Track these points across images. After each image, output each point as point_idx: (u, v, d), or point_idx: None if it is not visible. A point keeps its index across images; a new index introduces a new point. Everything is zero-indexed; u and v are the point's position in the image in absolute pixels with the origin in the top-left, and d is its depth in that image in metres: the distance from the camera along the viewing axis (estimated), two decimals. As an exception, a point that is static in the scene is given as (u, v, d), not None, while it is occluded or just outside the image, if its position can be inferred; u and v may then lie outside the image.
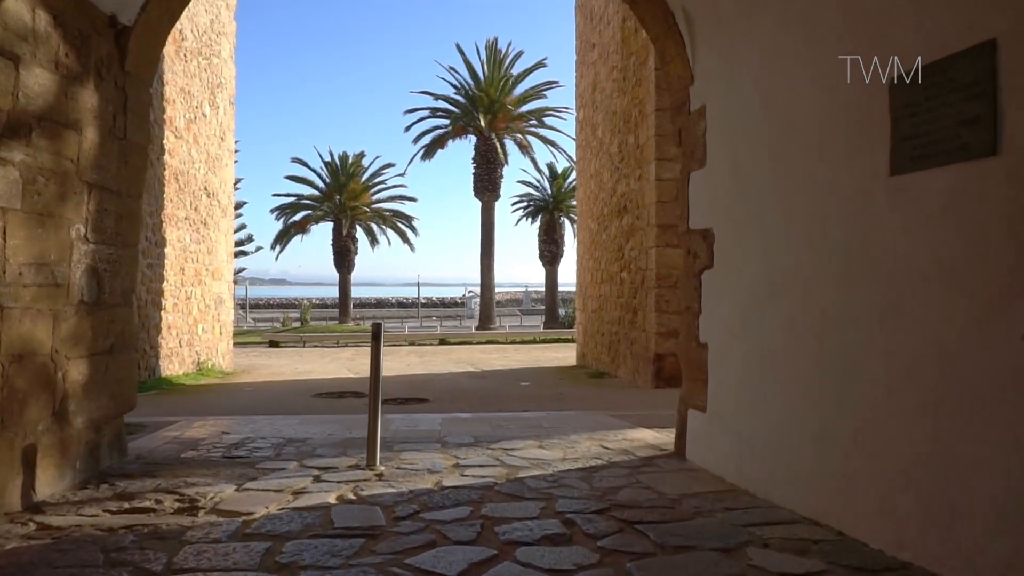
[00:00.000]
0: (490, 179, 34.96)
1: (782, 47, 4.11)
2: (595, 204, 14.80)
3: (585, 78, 15.86)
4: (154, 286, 12.47)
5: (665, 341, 10.86)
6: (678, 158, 10.80)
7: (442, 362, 18.03)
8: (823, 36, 3.77)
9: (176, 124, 13.46)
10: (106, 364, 5.03)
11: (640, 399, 9.76)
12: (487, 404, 9.56)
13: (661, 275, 10.88)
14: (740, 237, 4.63)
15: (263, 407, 9.40)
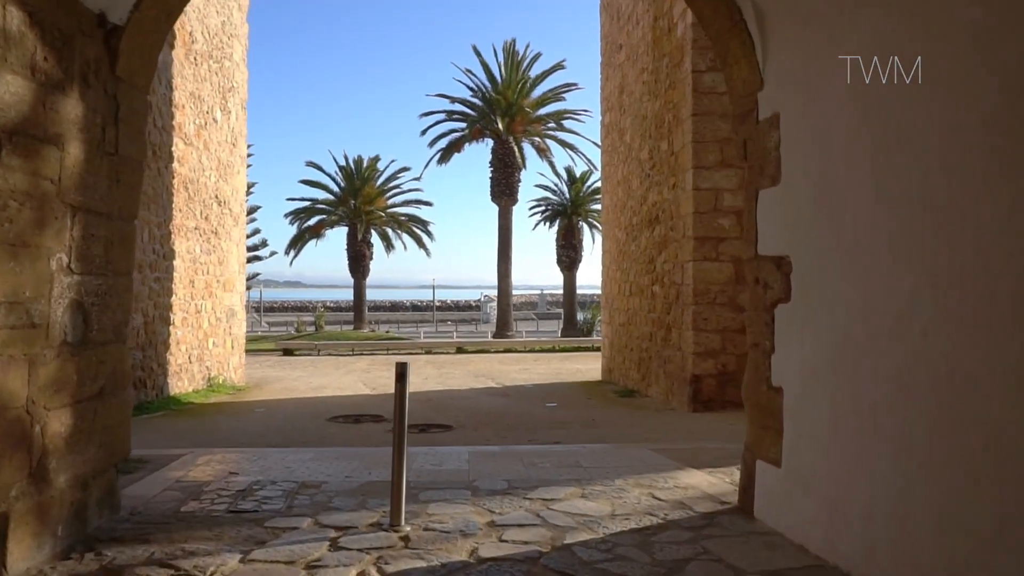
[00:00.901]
0: (507, 183, 34.33)
1: (893, 43, 3.43)
2: (623, 213, 14.12)
3: (611, 81, 15.19)
4: (162, 301, 11.90)
5: (703, 362, 10.17)
6: (717, 166, 10.16)
7: (461, 375, 17.39)
8: (954, 29, 3.08)
9: (185, 130, 12.91)
10: (94, 410, 4.41)
11: (679, 426, 9.08)
12: (514, 431, 8.90)
13: (699, 291, 10.19)
14: (828, 267, 3.95)
15: (275, 433, 8.79)
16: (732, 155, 10.24)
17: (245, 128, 16.22)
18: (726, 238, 10.22)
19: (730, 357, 10.19)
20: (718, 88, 10.24)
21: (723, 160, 10.24)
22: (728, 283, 10.21)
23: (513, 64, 35.43)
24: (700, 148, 10.22)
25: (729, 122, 9.96)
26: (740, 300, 10.20)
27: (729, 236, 10.22)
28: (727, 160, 10.24)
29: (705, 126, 10.22)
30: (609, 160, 15.33)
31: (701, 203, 10.21)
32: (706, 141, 10.22)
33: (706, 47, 10.24)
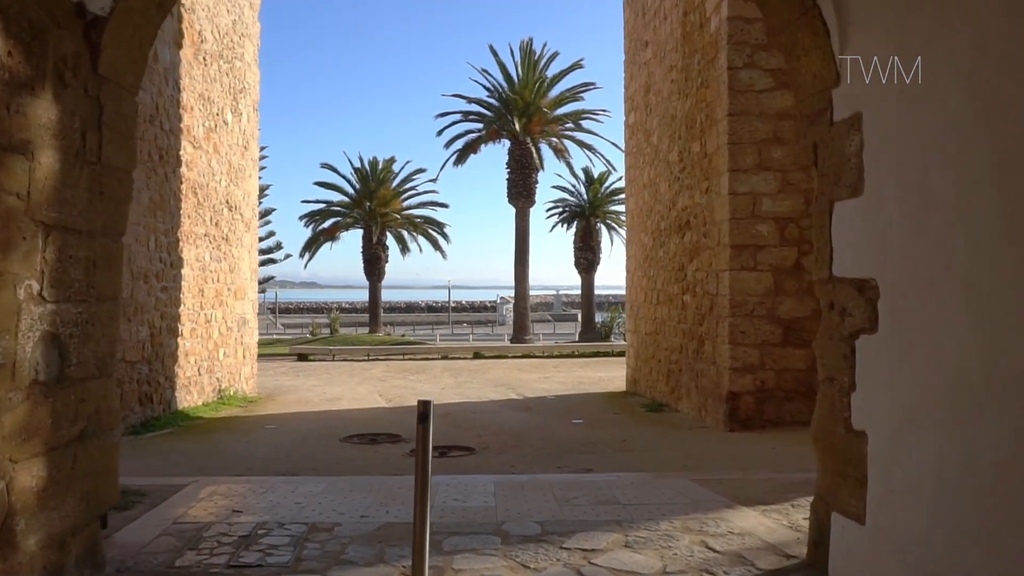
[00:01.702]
0: (524, 185, 33.74)
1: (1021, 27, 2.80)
2: (649, 217, 13.48)
3: (636, 79, 14.56)
4: (169, 311, 11.39)
5: (740, 378, 9.53)
6: (755, 169, 9.51)
7: (480, 384, 16.81)
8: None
9: (194, 133, 12.40)
10: (74, 457, 3.85)
11: (718, 449, 8.45)
12: (541, 455, 8.31)
13: (736, 302, 9.55)
14: (932, 298, 3.32)
15: (285, 458, 8.23)
16: (771, 157, 9.60)
17: (257, 130, 15.72)
18: (765, 246, 9.58)
19: (769, 373, 9.55)
20: (755, 86, 9.61)
21: (761, 163, 9.60)
22: (767, 294, 9.57)
23: (530, 64, 34.83)
24: (736, 150, 9.58)
25: (768, 122, 9.34)
26: (780, 313, 9.57)
27: (768, 244, 9.58)
28: (765, 163, 9.60)
29: (742, 126, 9.58)
30: (634, 162, 14.69)
31: (738, 208, 9.57)
32: (743, 142, 9.59)
33: (743, 42, 9.61)
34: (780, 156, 9.60)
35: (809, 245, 9.68)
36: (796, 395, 9.54)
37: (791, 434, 9.07)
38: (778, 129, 9.60)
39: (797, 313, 9.56)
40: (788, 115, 9.61)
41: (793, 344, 9.56)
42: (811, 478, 6.84)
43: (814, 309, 9.36)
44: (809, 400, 9.45)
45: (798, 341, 9.55)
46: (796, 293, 9.57)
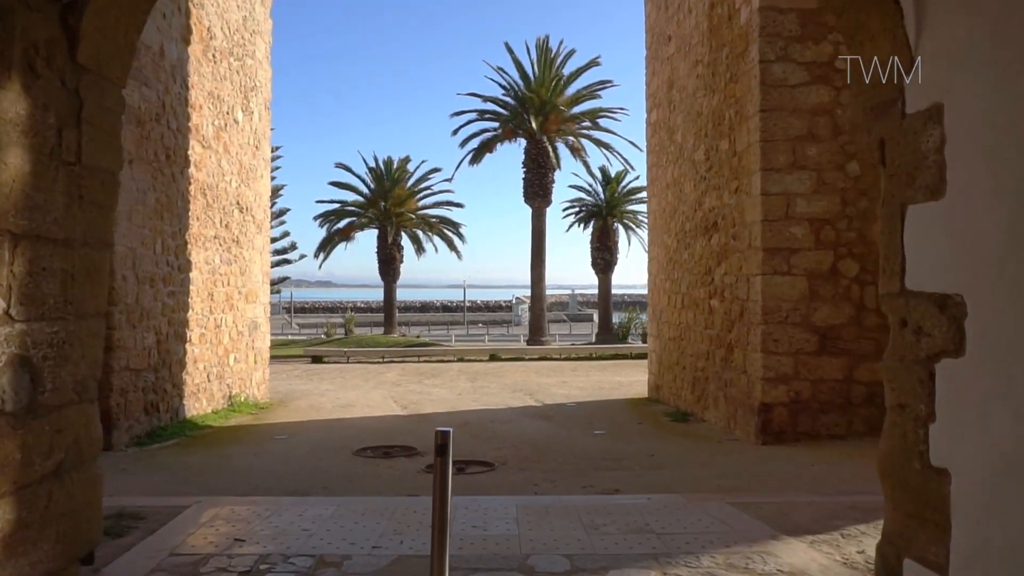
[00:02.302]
0: (541, 184, 33.26)
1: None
2: (673, 218, 12.97)
3: (658, 75, 14.05)
4: (177, 316, 11.01)
5: (773, 388, 9.02)
6: (788, 168, 8.98)
7: (497, 389, 16.36)
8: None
9: (203, 132, 12.02)
10: (48, 495, 3.43)
11: (752, 466, 7.94)
12: (564, 471, 7.84)
13: (769, 309, 9.04)
14: (1037, 318, 2.83)
15: (294, 474, 7.81)
16: (806, 156, 9.08)
17: (269, 130, 15.33)
18: (799, 249, 9.06)
19: (804, 383, 9.03)
20: (789, 80, 9.09)
21: (795, 161, 9.08)
22: (801, 300, 9.05)
23: (546, 61, 34.34)
24: (769, 148, 9.07)
25: (802, 118, 8.82)
26: (816, 320, 9.05)
27: (802, 247, 9.06)
28: (800, 161, 9.08)
29: (775, 123, 9.07)
30: (656, 161, 14.19)
31: (770, 210, 9.06)
32: (776, 140, 9.07)
33: (775, 34, 9.10)
34: (815, 154, 9.08)
35: (846, 248, 9.19)
36: (832, 407, 9.02)
37: (828, 449, 8.57)
38: (813, 126, 9.08)
39: (833, 320, 9.04)
40: (824, 111, 9.09)
41: (829, 353, 9.04)
42: (859, 503, 6.35)
43: (851, 316, 8.86)
44: (846, 413, 8.96)
45: (834, 350, 9.03)
46: (832, 299, 9.05)
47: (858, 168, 9.09)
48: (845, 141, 9.10)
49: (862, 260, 9.07)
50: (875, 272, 8.98)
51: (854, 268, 9.06)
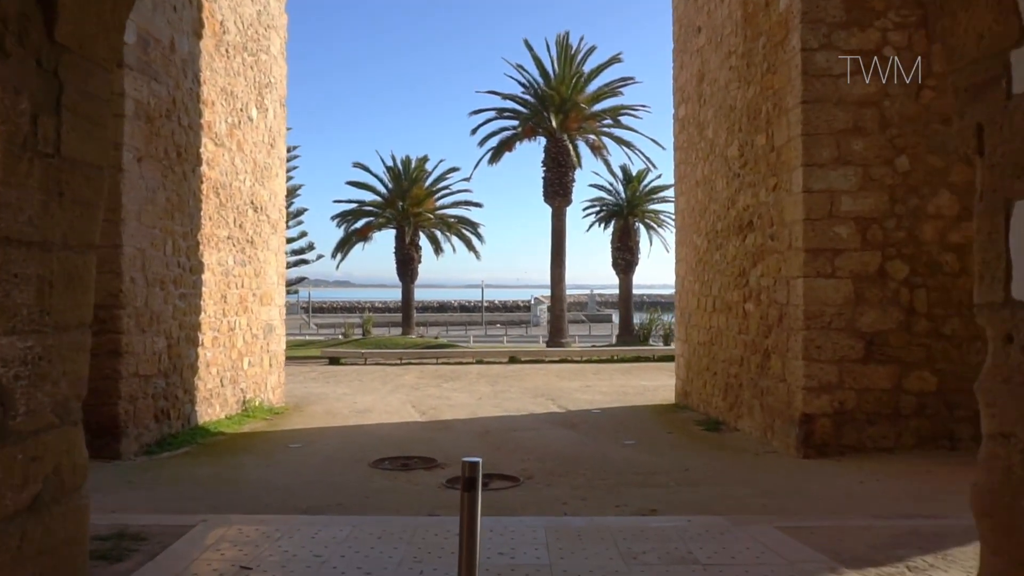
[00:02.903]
0: (561, 183, 32.75)
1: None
2: (703, 217, 12.44)
3: (687, 68, 13.51)
4: (188, 319, 10.63)
5: (816, 398, 8.48)
6: (832, 163, 8.42)
7: (518, 393, 15.89)
8: None
9: (216, 130, 11.64)
10: (22, 533, 2.99)
11: (797, 483, 7.41)
12: (595, 487, 7.35)
13: (811, 313, 8.50)
14: None
15: (307, 488, 7.37)
16: (851, 150, 8.53)
17: (284, 127, 14.95)
18: (844, 250, 8.52)
19: (848, 393, 8.49)
20: (833, 70, 8.54)
21: (840, 156, 8.53)
22: (846, 304, 8.51)
23: (566, 58, 33.83)
24: (812, 142, 8.53)
25: (847, 110, 8.28)
26: (861, 325, 8.50)
27: (847, 248, 8.51)
28: (844, 156, 8.53)
29: (818, 115, 8.53)
30: (685, 158, 13.65)
31: (813, 208, 8.52)
32: (819, 134, 8.53)
33: (818, 20, 8.56)
34: (861, 148, 8.53)
35: (895, 249, 8.63)
36: (879, 418, 8.47)
37: (876, 463, 8.02)
38: (859, 118, 8.53)
39: (881, 326, 8.49)
40: (871, 102, 8.53)
41: (876, 360, 8.49)
42: (920, 528, 5.82)
43: (900, 321, 8.31)
44: (895, 424, 8.40)
45: (882, 357, 8.48)
46: (879, 303, 8.50)
47: (908, 163, 8.53)
48: (894, 134, 8.54)
49: (912, 261, 8.51)
50: (926, 274, 8.44)
51: (903, 270, 8.51)
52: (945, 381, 8.45)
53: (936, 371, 8.48)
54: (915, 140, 8.53)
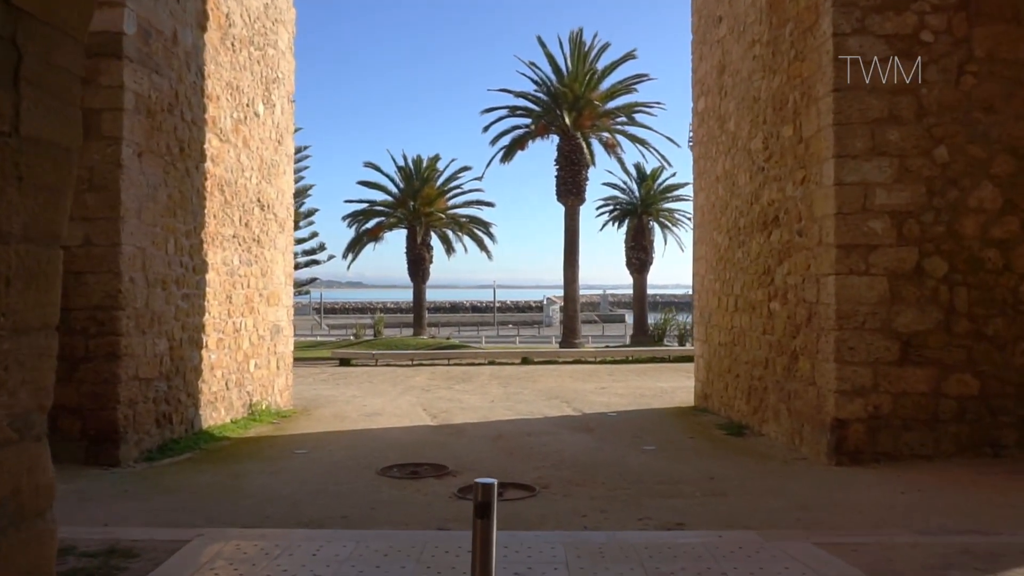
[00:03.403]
0: (574, 182, 32.30)
1: None
2: (724, 213, 11.99)
3: (707, 60, 13.06)
4: (191, 321, 10.28)
5: (849, 402, 8.02)
6: (866, 154, 7.93)
7: (531, 396, 15.48)
8: None
9: (221, 125, 11.29)
10: (-28, 566, 2.61)
11: (832, 493, 6.95)
12: (615, 498, 6.92)
13: (844, 313, 8.04)
14: None
15: (311, 499, 6.98)
16: (886, 140, 8.07)
17: (292, 124, 14.59)
18: (878, 246, 8.05)
19: (884, 397, 8.02)
20: (867, 55, 8.08)
21: (874, 147, 8.07)
22: (881, 303, 8.04)
23: (580, 55, 33.37)
24: (844, 132, 8.07)
25: (882, 98, 7.82)
26: (897, 325, 8.04)
27: (882, 243, 8.05)
28: (879, 146, 8.07)
29: (850, 104, 8.07)
30: (705, 152, 13.20)
31: (846, 201, 8.06)
32: (852, 123, 8.07)
33: (851, 3, 8.10)
34: (897, 138, 8.07)
35: (933, 244, 8.13)
36: (916, 423, 8.00)
37: (915, 472, 7.55)
38: (894, 106, 8.07)
39: (918, 326, 8.02)
40: (907, 89, 8.07)
41: (913, 363, 8.02)
42: (971, 545, 5.34)
43: (939, 321, 7.85)
44: (933, 430, 7.93)
45: (919, 359, 8.01)
46: (917, 302, 8.03)
47: (946, 154, 8.06)
48: (931, 123, 8.07)
49: (951, 258, 8.04)
50: (966, 271, 7.97)
51: (942, 267, 8.03)
52: (987, 384, 7.98)
53: (978, 374, 8.01)
54: (954, 129, 8.05)
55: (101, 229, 8.44)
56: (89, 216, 8.42)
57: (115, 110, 8.52)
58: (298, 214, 38.19)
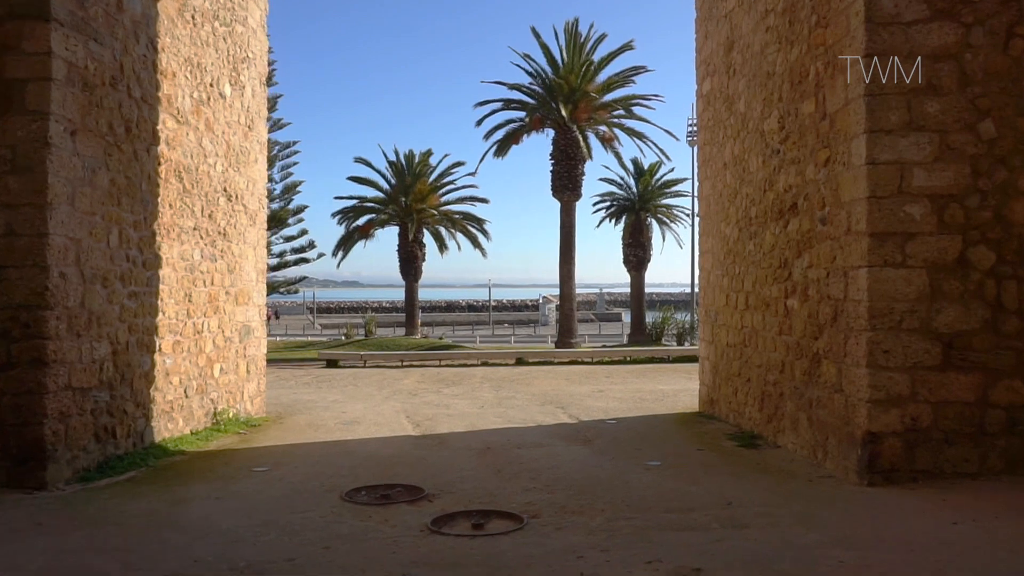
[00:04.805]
0: (570, 176, 31.31)
1: None
2: (733, 203, 10.94)
3: (712, 37, 12.02)
4: (141, 322, 9.20)
5: (884, 413, 6.98)
6: (902, 129, 6.79)
7: (524, 400, 14.44)
8: None
9: (179, 105, 10.21)
10: None
11: (871, 523, 5.90)
12: (616, 527, 5.86)
13: (878, 311, 6.99)
14: None
15: (256, 532, 5.91)
16: (925, 113, 7.03)
17: (265, 109, 13.52)
18: (916, 234, 7.01)
19: (923, 407, 6.98)
20: (903, 16, 7.03)
21: (911, 121, 7.03)
22: (920, 299, 7.00)
23: (575, 46, 32.37)
24: (877, 104, 7.02)
25: (922, 64, 6.77)
26: (938, 324, 7.00)
27: (921, 231, 7.00)
28: (916, 120, 7.03)
29: (884, 72, 7.02)
30: (711, 138, 12.15)
31: (879, 183, 7.01)
32: (886, 94, 7.02)
33: (884, -44, 7.04)
34: (937, 111, 7.02)
35: (978, 232, 6.98)
36: (960, 437, 6.96)
37: (961, 494, 6.50)
38: (934, 74, 7.02)
39: (962, 325, 6.98)
40: (948, 54, 7.03)
41: (956, 367, 6.98)
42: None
43: (985, 320, 6.82)
44: (979, 445, 6.88)
45: (963, 363, 6.97)
46: (960, 298, 6.99)
47: (994, 128, 7.02)
48: (976, 94, 7.02)
49: (999, 247, 6.99)
50: (1017, 263, 6.93)
51: (989, 258, 6.99)
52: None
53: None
54: (1003, 100, 7.01)
55: (25, 217, 7.35)
56: (11, 202, 7.34)
57: (41, 80, 7.44)
58: (287, 211, 37.14)
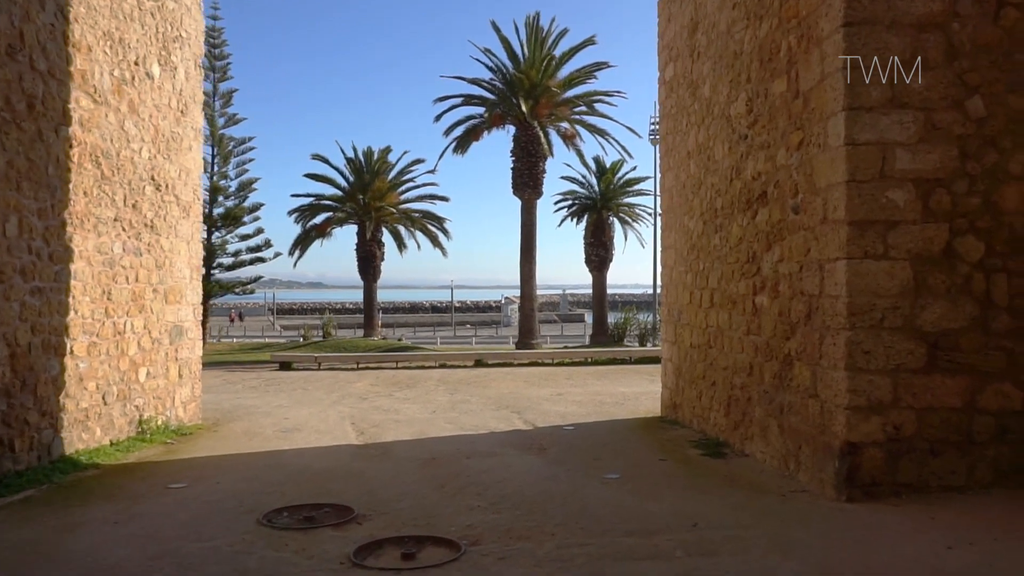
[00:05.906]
0: (531, 174, 30.61)
1: None
2: (697, 194, 10.29)
3: (676, 20, 11.37)
4: (46, 321, 8.25)
5: (864, 421, 6.34)
6: (884, 106, 6.01)
7: (479, 405, 13.67)
8: None
9: (96, 83, 9.27)
10: None
11: (855, 547, 5.23)
12: (568, 555, 5.11)
13: (858, 307, 6.35)
14: None
15: (151, 561, 5.06)
16: (909, 89, 6.40)
17: (200, 93, 12.56)
18: (899, 222, 6.38)
19: (906, 413, 6.35)
20: (885, -18, 6.40)
21: (893, 97, 6.40)
22: (903, 294, 6.38)
23: (537, 41, 31.68)
24: (857, 78, 6.38)
25: (904, 35, 6.15)
26: (923, 322, 6.38)
27: (904, 219, 6.38)
28: (899, 97, 6.40)
29: (864, 42, 6.38)
30: (674, 127, 11.50)
31: (859, 166, 6.37)
32: (866, 67, 6.38)
33: (864, -83, 6.40)
34: (922, 87, 6.41)
35: (966, 220, 6.29)
36: (947, 446, 6.35)
37: (950, 510, 5.88)
38: (920, 45, 6.41)
39: (949, 323, 6.37)
40: (934, 24, 6.41)
41: (942, 370, 6.37)
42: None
43: (973, 317, 6.20)
44: (966, 455, 6.23)
45: (950, 365, 6.36)
46: (947, 293, 6.38)
47: (983, 106, 6.42)
48: (964, 68, 6.42)
49: (989, 237, 6.39)
50: (1008, 255, 6.34)
51: (978, 249, 6.39)
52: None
53: (1021, 383, 6.39)
54: (993, 75, 6.42)
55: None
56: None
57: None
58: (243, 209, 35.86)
